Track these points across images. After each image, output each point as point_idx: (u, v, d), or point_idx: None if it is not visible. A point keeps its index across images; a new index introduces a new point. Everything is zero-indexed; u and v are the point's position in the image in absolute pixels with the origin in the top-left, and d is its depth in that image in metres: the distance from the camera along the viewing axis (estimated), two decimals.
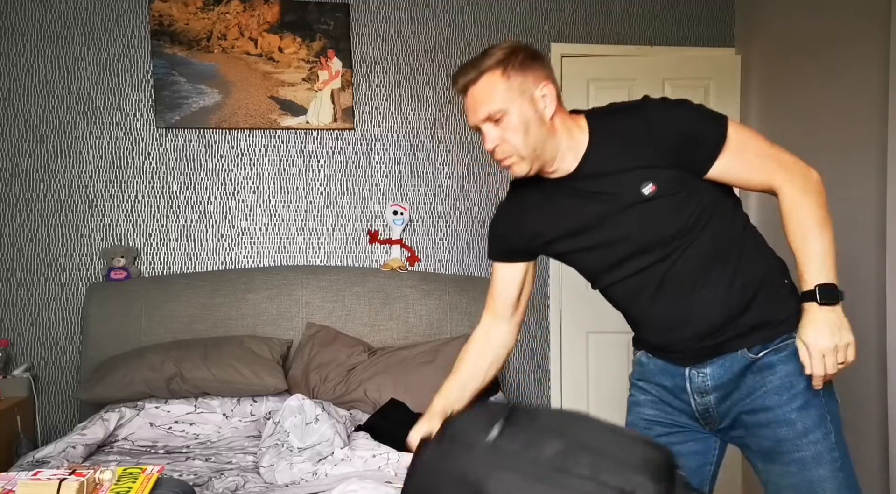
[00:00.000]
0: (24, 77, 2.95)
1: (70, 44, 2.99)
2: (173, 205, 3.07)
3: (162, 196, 3.06)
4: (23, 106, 2.96)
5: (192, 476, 2.06)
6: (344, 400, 2.68)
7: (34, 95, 2.96)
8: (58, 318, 2.99)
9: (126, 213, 3.04)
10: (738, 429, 1.50)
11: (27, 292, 2.97)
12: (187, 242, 3.09)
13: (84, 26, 3.00)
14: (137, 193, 3.05)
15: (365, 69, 3.20)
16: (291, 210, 3.16)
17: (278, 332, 2.96)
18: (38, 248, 2.98)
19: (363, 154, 3.21)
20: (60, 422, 2.99)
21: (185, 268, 3.09)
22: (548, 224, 1.53)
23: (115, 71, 3.02)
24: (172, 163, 3.07)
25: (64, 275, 3.00)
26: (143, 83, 3.04)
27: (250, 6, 3.07)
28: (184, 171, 3.08)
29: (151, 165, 3.06)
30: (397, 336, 3.03)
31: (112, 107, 3.02)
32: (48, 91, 2.97)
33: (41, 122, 2.97)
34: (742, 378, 1.45)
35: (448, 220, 3.29)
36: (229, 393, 2.60)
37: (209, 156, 3.10)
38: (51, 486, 1.33)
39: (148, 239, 3.06)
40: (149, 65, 3.02)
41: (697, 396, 1.51)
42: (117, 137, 3.03)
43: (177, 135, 3.07)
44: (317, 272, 3.06)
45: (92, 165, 3.01)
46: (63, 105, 2.99)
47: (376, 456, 2.10)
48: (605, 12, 3.36)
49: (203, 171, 3.09)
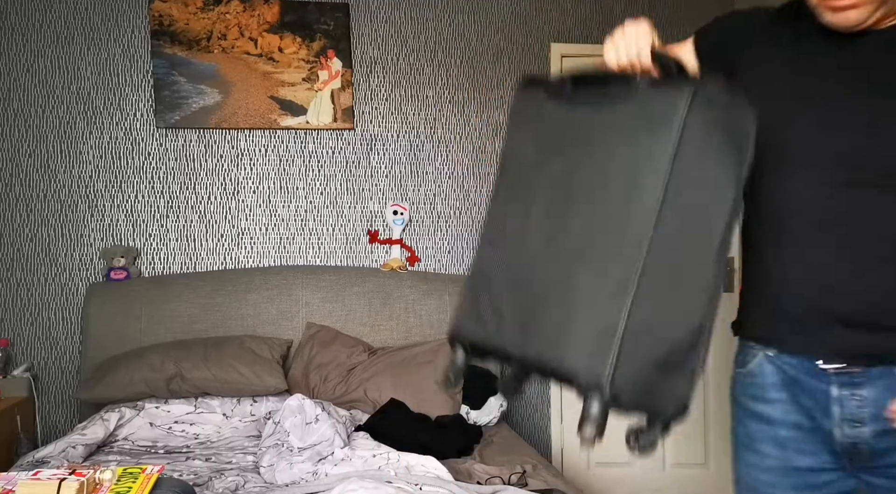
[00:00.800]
0: (24, 77, 2.95)
1: (70, 44, 2.99)
2: (173, 205, 3.07)
3: (162, 196, 3.06)
4: (23, 106, 2.96)
5: (192, 476, 2.06)
6: (344, 400, 2.68)
7: (34, 95, 2.96)
8: (58, 318, 2.99)
9: (126, 213, 3.04)
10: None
11: (27, 292, 2.97)
12: (187, 242, 3.09)
13: (84, 26, 3.00)
14: (137, 193, 3.05)
15: (365, 69, 3.20)
16: (291, 210, 3.16)
17: (278, 332, 2.96)
18: (38, 248, 2.98)
19: (363, 154, 3.21)
20: (60, 422, 2.99)
21: (185, 268, 3.09)
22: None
23: (115, 71, 3.02)
24: (172, 163, 3.07)
25: (64, 275, 3.00)
26: (144, 83, 3.04)
27: (250, 6, 3.07)
28: (184, 171, 3.08)
29: (152, 165, 3.06)
30: (397, 336, 3.03)
31: (112, 107, 3.02)
32: (48, 91, 2.97)
33: (41, 122, 2.97)
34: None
35: (448, 220, 3.29)
36: (229, 393, 2.60)
37: (209, 156, 3.10)
38: (51, 486, 1.33)
39: (148, 239, 3.06)
40: (149, 65, 3.02)
41: (847, 426, 1.08)
42: (117, 137, 3.03)
43: (176, 135, 3.07)
44: (316, 272, 3.06)
45: (92, 165, 3.01)
46: (63, 105, 2.99)
47: (376, 456, 2.10)
48: (605, 12, 3.37)
49: (203, 171, 3.09)
